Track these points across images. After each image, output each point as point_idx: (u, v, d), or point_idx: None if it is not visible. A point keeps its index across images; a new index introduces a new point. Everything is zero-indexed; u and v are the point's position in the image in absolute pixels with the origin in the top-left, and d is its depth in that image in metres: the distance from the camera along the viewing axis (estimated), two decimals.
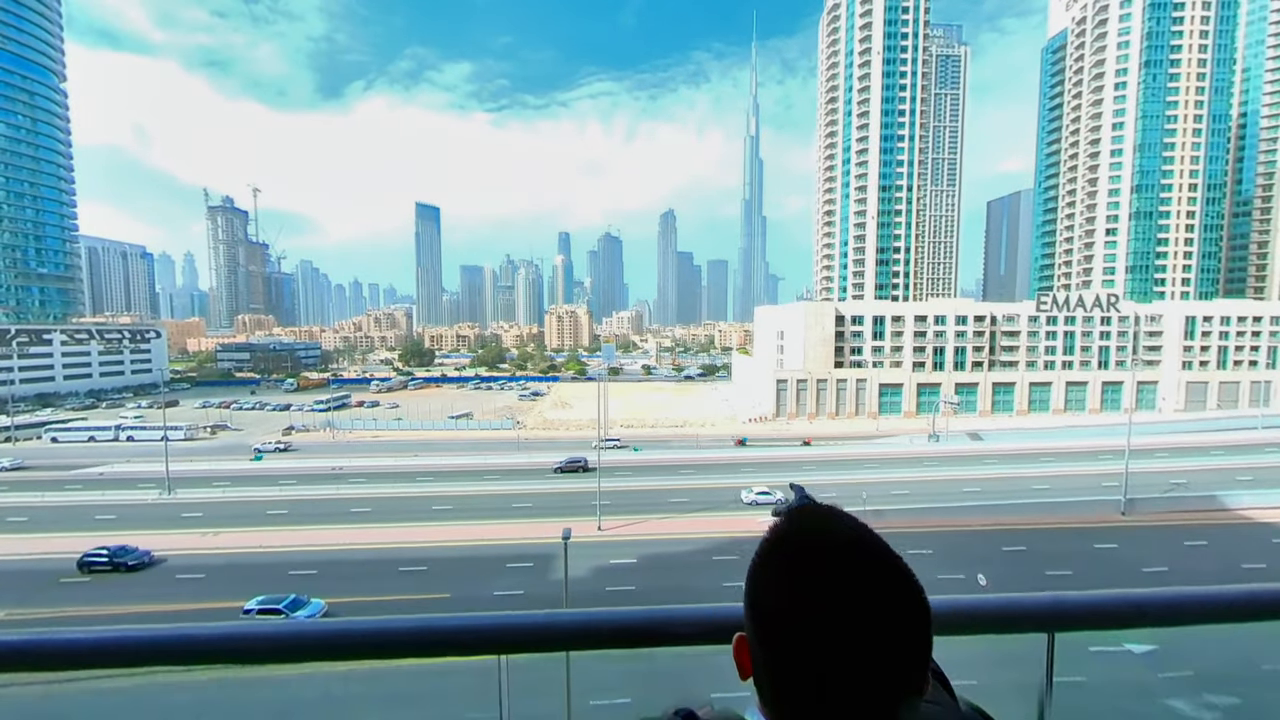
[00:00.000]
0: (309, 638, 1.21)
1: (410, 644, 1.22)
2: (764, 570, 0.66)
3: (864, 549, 0.64)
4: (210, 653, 1.16)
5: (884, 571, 0.63)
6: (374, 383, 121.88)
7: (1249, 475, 40.55)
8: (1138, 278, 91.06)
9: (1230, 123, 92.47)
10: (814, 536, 0.66)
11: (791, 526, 0.68)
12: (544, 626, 1.24)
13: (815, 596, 0.61)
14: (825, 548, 0.65)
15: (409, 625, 1.22)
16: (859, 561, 0.63)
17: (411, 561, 26.81)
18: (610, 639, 1.24)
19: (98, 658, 1.12)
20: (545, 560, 26.25)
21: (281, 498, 38.47)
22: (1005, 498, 35.47)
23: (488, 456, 52.41)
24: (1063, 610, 1.33)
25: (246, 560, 27.52)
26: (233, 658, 1.19)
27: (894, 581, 0.63)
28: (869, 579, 0.62)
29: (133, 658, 1.12)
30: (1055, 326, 78.26)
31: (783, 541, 0.67)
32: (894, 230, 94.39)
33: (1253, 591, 1.38)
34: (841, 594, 0.61)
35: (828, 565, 0.63)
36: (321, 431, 68.40)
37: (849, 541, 0.65)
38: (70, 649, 1.12)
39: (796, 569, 0.64)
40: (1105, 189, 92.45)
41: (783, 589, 0.63)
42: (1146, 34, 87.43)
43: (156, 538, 30.33)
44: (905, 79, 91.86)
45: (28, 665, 1.11)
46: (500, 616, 1.23)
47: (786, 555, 0.66)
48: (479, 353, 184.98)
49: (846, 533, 0.66)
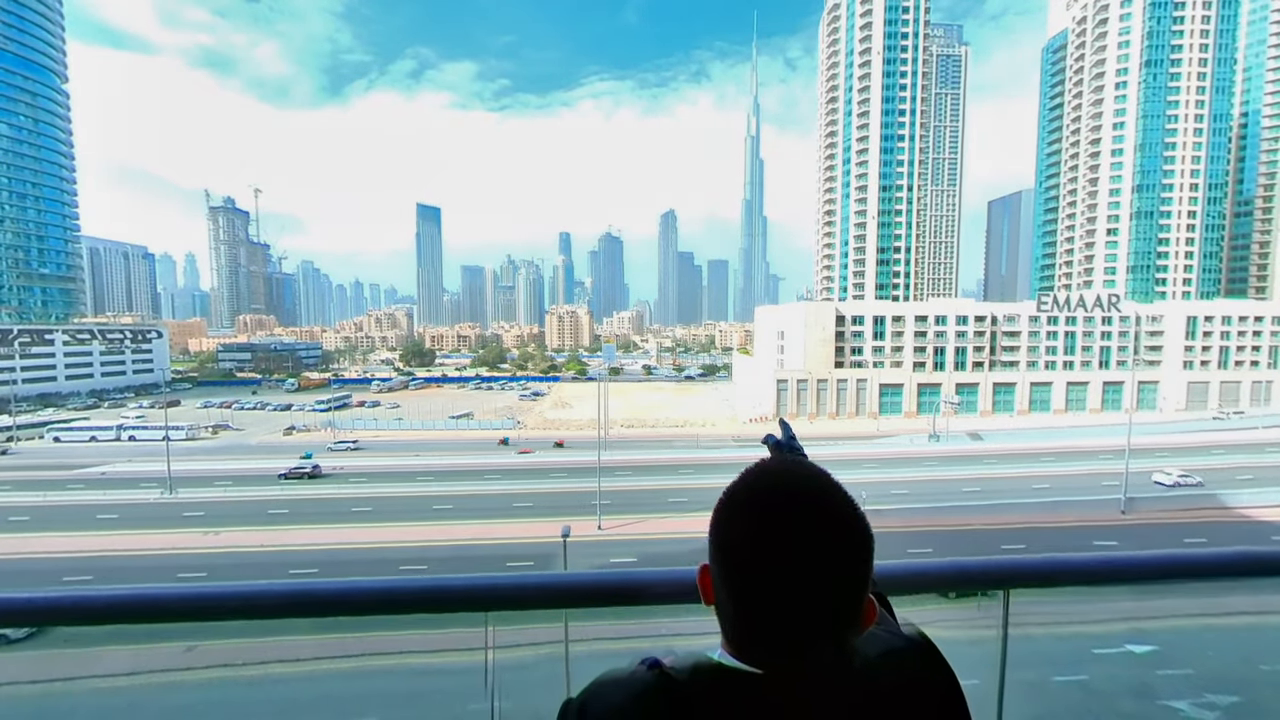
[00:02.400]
0: (286, 597, 1.20)
1: (394, 603, 1.23)
2: (730, 503, 0.74)
3: (818, 489, 0.72)
4: (186, 611, 1.16)
5: (831, 508, 0.71)
6: (375, 383, 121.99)
7: (1249, 474, 40.52)
8: (1139, 277, 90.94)
9: (1232, 122, 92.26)
10: (775, 478, 0.75)
11: (758, 469, 0.76)
12: (533, 587, 1.28)
13: (770, 528, 0.69)
14: (783, 486, 0.73)
15: (399, 585, 1.23)
16: (811, 500, 0.71)
17: (412, 560, 26.87)
18: (592, 598, 1.29)
19: (104, 614, 1.13)
20: (545, 559, 26.31)
21: (282, 497, 38.56)
22: (1005, 497, 35.47)
23: (488, 456, 52.49)
24: (1017, 569, 1.43)
25: (248, 559, 27.61)
26: (211, 616, 1.18)
27: (840, 517, 0.70)
28: (817, 515, 0.70)
29: (115, 615, 1.13)
30: (1056, 326, 78.18)
31: (748, 481, 0.75)
32: (894, 230, 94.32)
33: (1218, 554, 1.46)
34: (795, 528, 0.69)
35: (784, 502, 0.71)
36: (322, 431, 68.52)
37: (804, 482, 0.73)
38: (78, 606, 1.12)
39: (757, 504, 0.72)
40: (1106, 189, 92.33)
41: (744, 521, 0.71)
42: (1147, 33, 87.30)
43: (158, 537, 30.44)
44: (905, 79, 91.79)
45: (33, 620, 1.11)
46: (487, 577, 1.27)
47: (751, 491, 0.74)
48: (480, 353, 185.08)
49: (805, 477, 0.74)
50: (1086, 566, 1.48)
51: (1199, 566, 1.47)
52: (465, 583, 1.25)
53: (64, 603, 1.15)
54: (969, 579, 1.42)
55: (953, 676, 0.78)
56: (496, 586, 1.27)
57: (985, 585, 1.42)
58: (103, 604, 1.14)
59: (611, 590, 1.29)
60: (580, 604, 1.29)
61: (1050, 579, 1.49)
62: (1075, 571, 1.50)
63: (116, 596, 1.15)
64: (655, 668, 0.70)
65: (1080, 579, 1.50)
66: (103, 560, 27.57)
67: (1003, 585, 1.41)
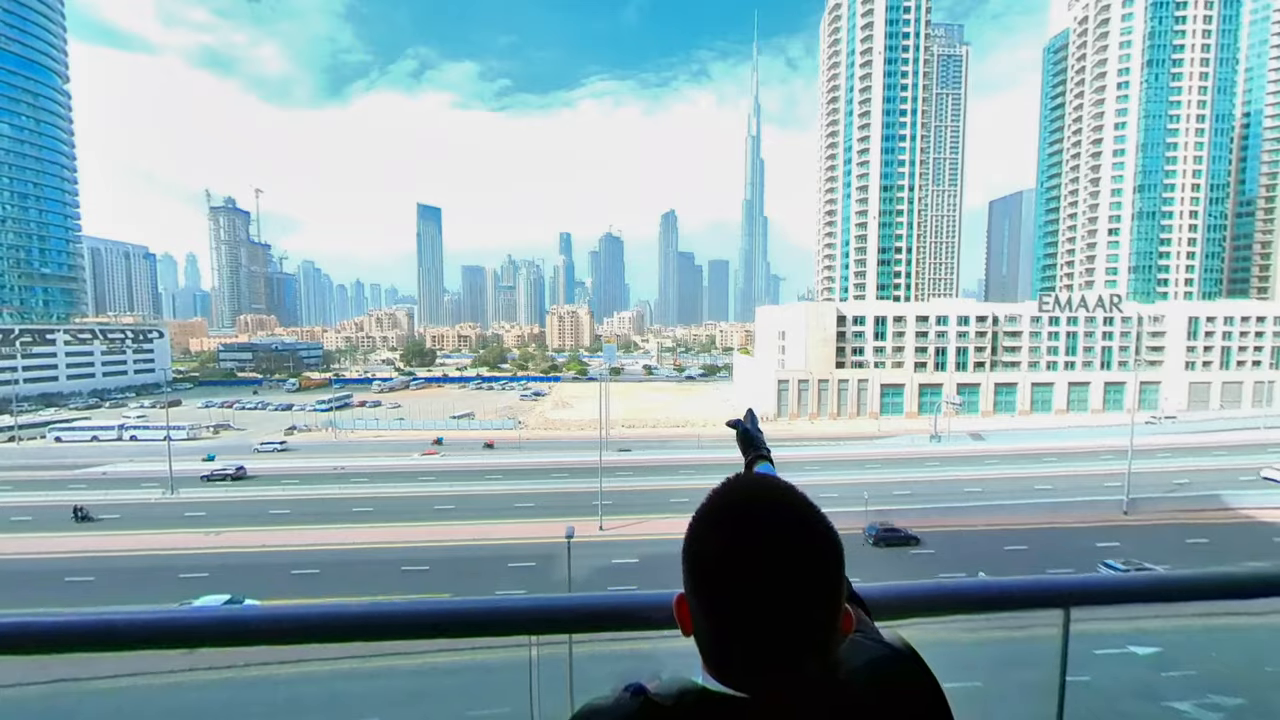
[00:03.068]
0: (312, 620, 1.17)
1: (431, 626, 1.20)
2: (698, 527, 0.74)
3: (788, 504, 0.72)
4: (213, 637, 1.11)
5: (797, 521, 0.71)
6: (375, 383, 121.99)
7: (1250, 475, 40.41)
8: (1140, 278, 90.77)
9: (1234, 122, 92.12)
10: (744, 494, 0.74)
11: (726, 488, 0.76)
12: (565, 609, 1.25)
13: (740, 546, 0.69)
14: (753, 503, 0.73)
15: (434, 608, 1.19)
16: (777, 514, 0.71)
17: (414, 561, 26.85)
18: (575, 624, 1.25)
19: (92, 640, 1.05)
20: (547, 560, 26.26)
21: (284, 497, 38.54)
22: (1007, 498, 35.41)
23: (489, 456, 52.42)
24: (1078, 587, 1.40)
25: (249, 560, 27.60)
26: (239, 641, 1.13)
27: (808, 528, 0.70)
28: (784, 529, 0.70)
29: (132, 641, 1.06)
30: (1058, 327, 78.04)
31: (713, 504, 0.75)
32: (895, 230, 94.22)
33: (1264, 570, 1.45)
34: (764, 544, 0.68)
35: (752, 519, 0.71)
36: (324, 431, 68.51)
37: (774, 498, 0.73)
38: (65, 631, 1.05)
39: (725, 525, 0.71)
40: (1108, 189, 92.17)
41: (714, 544, 0.71)
42: (1149, 34, 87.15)
43: (159, 537, 30.43)
44: (907, 79, 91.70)
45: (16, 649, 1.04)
46: (528, 599, 1.23)
47: (718, 513, 0.73)
48: (480, 353, 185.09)
49: (773, 492, 0.74)
50: (1149, 584, 1.45)
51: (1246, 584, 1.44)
52: (505, 605, 1.20)
53: (86, 626, 1.07)
54: (1027, 598, 1.39)
55: (935, 683, 0.77)
56: (537, 608, 1.22)
57: (1043, 604, 1.38)
58: (124, 627, 1.06)
59: (607, 614, 1.24)
60: (569, 630, 1.23)
61: (1114, 596, 1.45)
62: (1139, 590, 1.47)
63: (140, 620, 1.07)
64: (639, 694, 0.68)
65: (1143, 597, 1.46)
66: (103, 560, 27.60)
67: (1062, 604, 1.37)
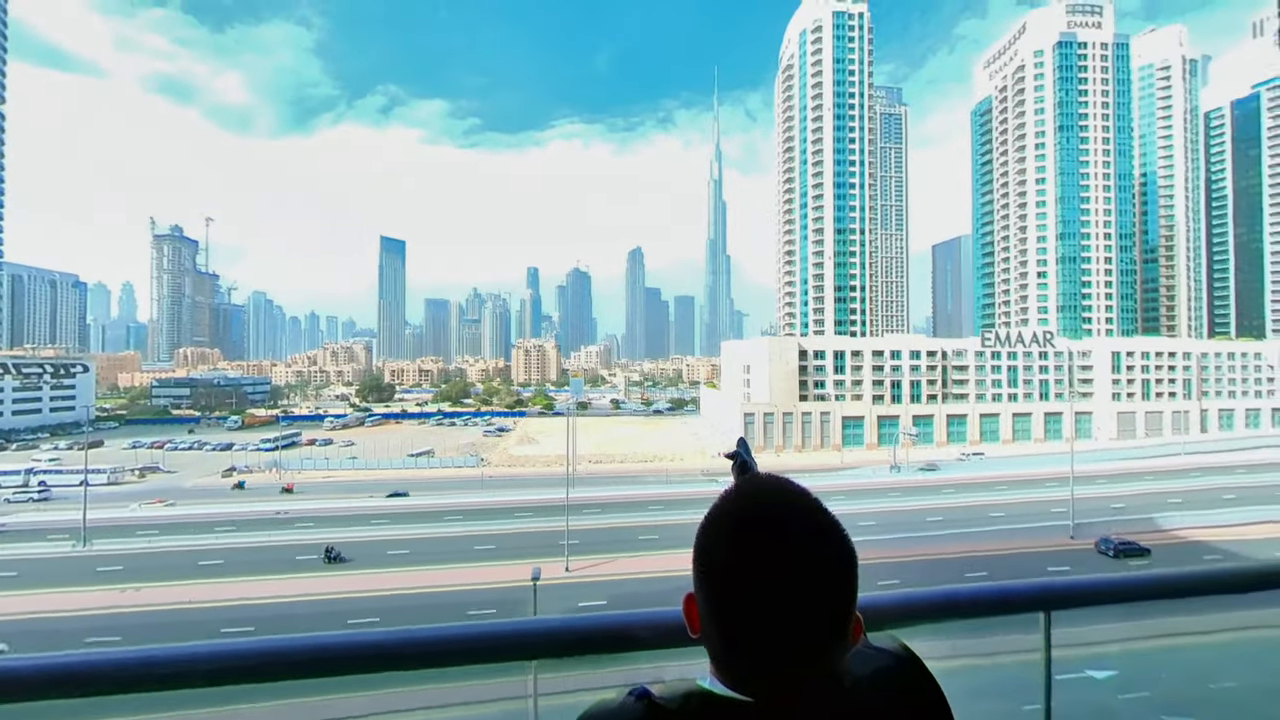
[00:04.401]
0: (307, 652, 1.12)
1: (430, 654, 1.15)
2: (713, 528, 0.73)
3: (805, 510, 0.72)
4: (202, 673, 1.06)
5: (817, 527, 0.71)
6: (328, 419, 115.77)
7: (1179, 498, 43.48)
8: (1068, 316, 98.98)
9: (1133, 180, 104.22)
10: (755, 497, 0.74)
11: (740, 490, 0.75)
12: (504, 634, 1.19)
13: (757, 550, 0.68)
14: (767, 507, 0.72)
15: (426, 635, 1.15)
16: (797, 516, 0.71)
17: (362, 613, 24.81)
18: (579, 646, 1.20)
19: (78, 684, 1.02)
20: (511, 605, 24.84)
21: (216, 546, 35.23)
22: (966, 525, 36.58)
23: (449, 496, 50.01)
24: (1057, 591, 1.43)
25: (172, 619, 24.78)
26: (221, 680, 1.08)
27: (826, 532, 0.70)
28: (804, 532, 0.69)
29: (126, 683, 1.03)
30: (1000, 361, 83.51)
31: (730, 503, 0.74)
32: (850, 270, 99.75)
33: (1244, 568, 1.55)
34: (778, 547, 0.68)
35: (769, 522, 0.70)
36: (267, 472, 63.74)
37: (790, 503, 0.72)
38: (51, 673, 1.01)
39: (742, 527, 0.70)
40: (1034, 235, 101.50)
41: (729, 545, 0.69)
42: (1058, 102, 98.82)
43: (65, 596, 26.99)
44: (854, 133, 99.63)
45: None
46: (526, 622, 1.20)
47: (734, 515, 0.72)
48: (443, 387, 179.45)
49: (789, 496, 0.73)
50: (1123, 585, 1.50)
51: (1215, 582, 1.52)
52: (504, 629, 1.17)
53: (86, 666, 1.02)
54: (1007, 603, 1.41)
55: (937, 687, 0.77)
56: (541, 631, 1.19)
57: (1022, 609, 1.40)
58: (111, 668, 1.03)
59: (589, 636, 1.19)
60: (554, 654, 1.20)
61: (1090, 599, 1.49)
62: (1113, 591, 1.52)
63: (124, 659, 1.03)
64: (644, 698, 0.68)
65: (1118, 597, 1.51)
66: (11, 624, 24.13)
67: (1043, 607, 1.39)
